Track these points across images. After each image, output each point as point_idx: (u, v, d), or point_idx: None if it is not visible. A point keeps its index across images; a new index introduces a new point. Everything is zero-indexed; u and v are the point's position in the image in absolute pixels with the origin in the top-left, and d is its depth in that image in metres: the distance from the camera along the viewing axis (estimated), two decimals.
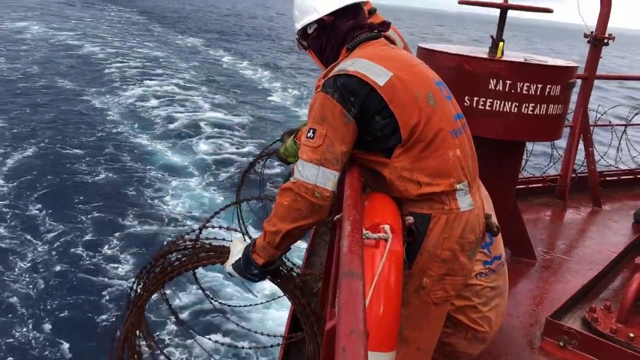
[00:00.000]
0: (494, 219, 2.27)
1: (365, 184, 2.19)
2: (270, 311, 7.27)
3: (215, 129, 17.14)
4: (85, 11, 53.05)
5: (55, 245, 9.11)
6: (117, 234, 9.68)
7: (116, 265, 8.70)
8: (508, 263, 3.26)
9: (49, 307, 7.54)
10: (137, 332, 2.64)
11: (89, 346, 6.83)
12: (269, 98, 23.22)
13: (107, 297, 7.82)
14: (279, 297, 2.74)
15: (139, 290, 2.58)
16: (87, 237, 9.46)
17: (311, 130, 1.99)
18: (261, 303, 3.43)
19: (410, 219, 1.98)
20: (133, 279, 2.56)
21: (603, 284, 4.10)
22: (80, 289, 7.98)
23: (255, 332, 3.13)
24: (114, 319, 7.29)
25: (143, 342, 2.67)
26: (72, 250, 9.04)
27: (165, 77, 24.51)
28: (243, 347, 2.86)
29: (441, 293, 2.06)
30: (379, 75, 1.97)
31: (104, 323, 7.28)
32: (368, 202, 1.99)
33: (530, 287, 4.07)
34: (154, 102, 19.80)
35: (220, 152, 15.05)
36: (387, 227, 1.74)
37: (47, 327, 7.15)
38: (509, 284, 2.95)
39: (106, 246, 9.25)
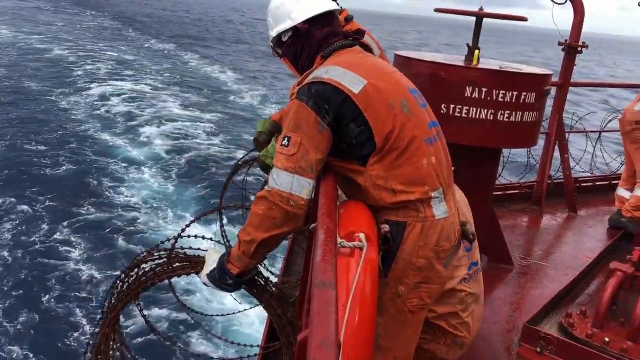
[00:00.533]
0: (470, 227, 2.27)
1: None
2: (248, 317, 7.26)
3: (178, 124, 17.54)
4: (57, 16, 52.52)
5: (14, 231, 9.55)
6: (72, 221, 10.17)
7: (70, 249, 9.16)
8: (486, 270, 3.28)
9: (5, 288, 7.97)
10: (112, 344, 2.60)
11: (41, 323, 7.38)
12: (233, 98, 23.55)
13: (57, 278, 8.27)
14: (255, 306, 2.71)
15: (113, 301, 2.54)
16: (45, 224, 9.96)
17: (286, 138, 1.97)
18: (239, 312, 3.38)
19: (385, 227, 1.96)
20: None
21: (579, 289, 4.14)
22: (36, 269, 8.47)
23: (233, 342, 3.09)
24: (55, 298, 7.81)
25: (118, 354, 2.63)
26: (30, 235, 9.49)
27: (135, 78, 24.65)
28: (220, 358, 2.82)
29: (417, 301, 2.05)
30: (353, 84, 1.96)
31: (58, 304, 7.76)
32: (343, 210, 1.97)
33: (507, 294, 4.09)
34: (119, 101, 20.00)
35: (182, 147, 15.45)
36: (362, 235, 1.72)
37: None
38: (487, 290, 2.96)
39: (59, 233, 9.73)
